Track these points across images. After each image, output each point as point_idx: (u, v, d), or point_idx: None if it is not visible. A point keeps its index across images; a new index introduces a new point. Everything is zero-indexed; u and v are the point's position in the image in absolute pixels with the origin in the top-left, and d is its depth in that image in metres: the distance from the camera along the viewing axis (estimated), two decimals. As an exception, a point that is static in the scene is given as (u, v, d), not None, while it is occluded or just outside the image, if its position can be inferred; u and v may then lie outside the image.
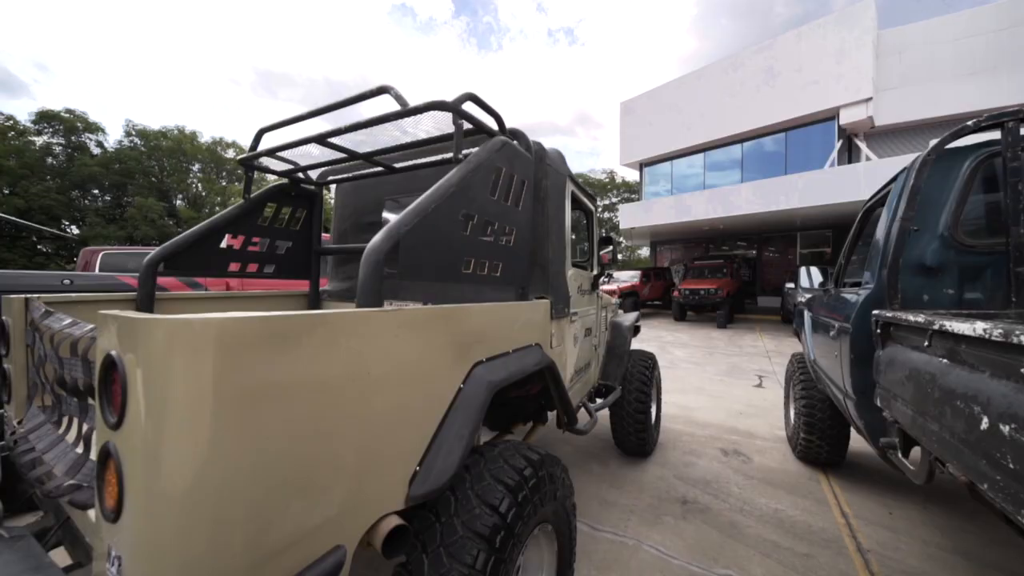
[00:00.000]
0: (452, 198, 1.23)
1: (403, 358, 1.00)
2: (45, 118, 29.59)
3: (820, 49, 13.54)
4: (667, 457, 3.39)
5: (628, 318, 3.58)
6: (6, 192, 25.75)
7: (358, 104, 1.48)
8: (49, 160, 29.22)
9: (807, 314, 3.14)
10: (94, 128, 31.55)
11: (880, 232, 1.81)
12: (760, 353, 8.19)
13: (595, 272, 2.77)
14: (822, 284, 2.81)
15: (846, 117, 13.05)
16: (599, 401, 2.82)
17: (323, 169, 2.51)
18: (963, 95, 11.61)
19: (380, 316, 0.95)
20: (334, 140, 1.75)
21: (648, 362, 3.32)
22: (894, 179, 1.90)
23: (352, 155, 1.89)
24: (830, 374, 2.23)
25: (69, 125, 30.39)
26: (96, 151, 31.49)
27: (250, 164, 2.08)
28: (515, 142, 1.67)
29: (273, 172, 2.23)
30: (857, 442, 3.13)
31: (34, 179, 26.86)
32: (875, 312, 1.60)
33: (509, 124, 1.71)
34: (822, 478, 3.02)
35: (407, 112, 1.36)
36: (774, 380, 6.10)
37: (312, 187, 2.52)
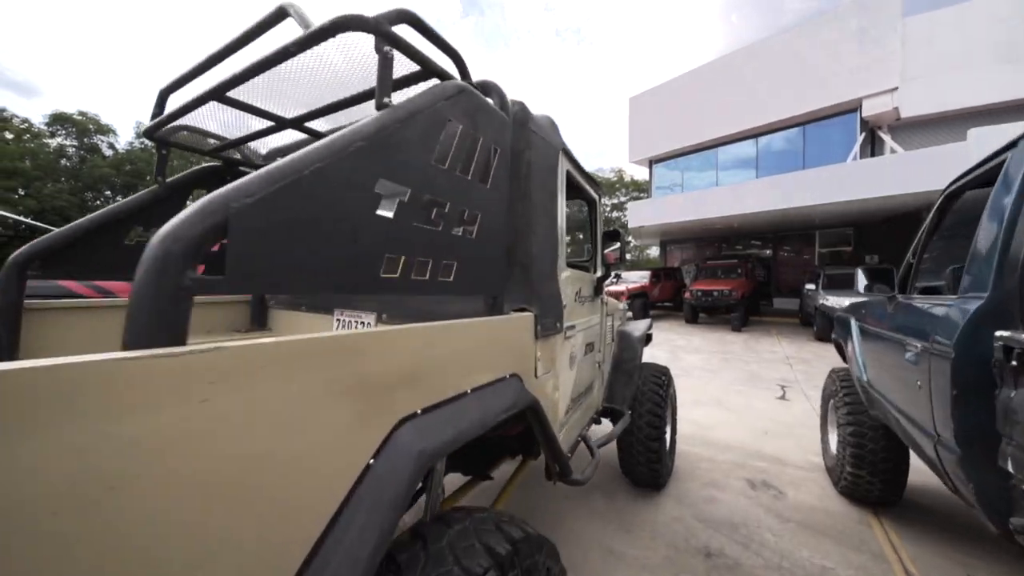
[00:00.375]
0: (357, 158, 0.77)
1: (229, 433, 0.55)
2: (59, 120, 30.00)
3: (841, 38, 12.85)
4: (684, 490, 2.89)
5: (638, 326, 3.09)
6: (20, 193, 26.03)
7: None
8: (63, 162, 29.59)
9: (855, 323, 2.62)
10: (106, 130, 31.95)
11: (989, 222, 1.31)
12: (780, 359, 7.61)
13: (599, 274, 2.29)
14: (881, 287, 2.25)
15: (869, 108, 12.34)
16: (602, 434, 2.33)
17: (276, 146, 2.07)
18: (999, 83, 10.83)
19: (167, 365, 0.49)
20: (270, 107, 1.32)
21: (662, 379, 2.83)
22: (1007, 148, 1.40)
23: (271, 118, 1.45)
24: (904, 407, 1.73)
25: (81, 127, 30.78)
26: (108, 152, 31.84)
27: (164, 139, 1.64)
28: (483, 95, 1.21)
29: (195, 150, 1.79)
30: (917, 473, 2.61)
31: (47, 180, 27.16)
32: (1000, 334, 1.11)
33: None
34: (874, 522, 2.50)
35: (309, 39, 0.90)
36: (799, 391, 5.54)
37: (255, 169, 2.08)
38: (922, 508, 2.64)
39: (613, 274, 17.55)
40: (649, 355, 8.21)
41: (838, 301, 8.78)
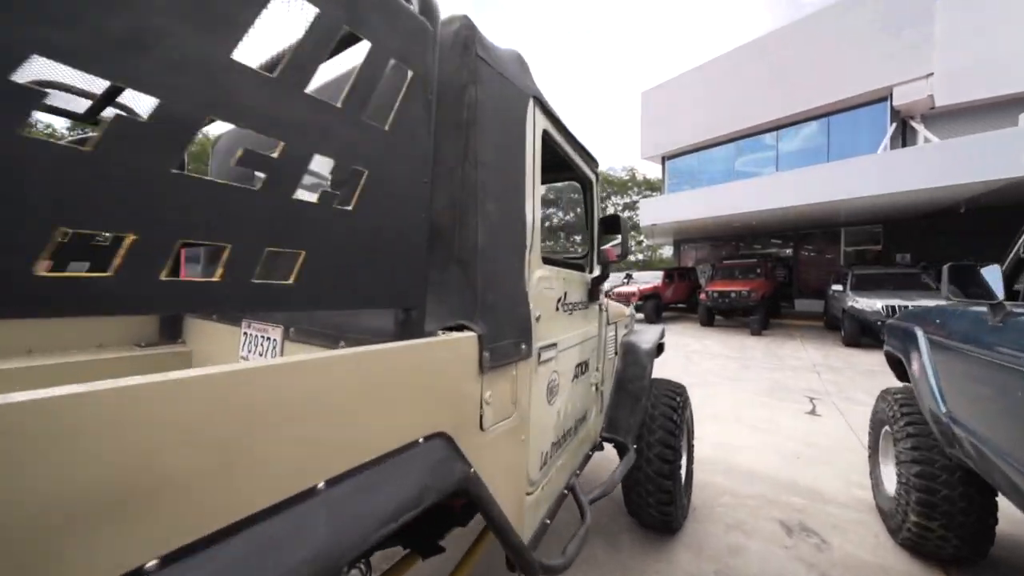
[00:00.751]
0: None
1: None
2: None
3: (869, 22, 12.05)
4: (703, 535, 2.39)
5: (648, 336, 2.59)
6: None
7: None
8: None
9: (925, 337, 2.08)
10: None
11: None
12: (805, 367, 6.98)
13: (595, 274, 1.81)
14: (973, 294, 1.65)
15: (901, 97, 11.52)
16: (597, 488, 1.76)
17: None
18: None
19: None
20: None
21: (676, 399, 2.33)
22: None
23: None
24: (1020, 452, 1.22)
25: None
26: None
27: None
28: None
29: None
30: (1009, 522, 2.06)
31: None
32: None
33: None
34: (950, 588, 1.97)
35: None
36: (830, 405, 4.95)
37: None
38: (1014, 568, 2.09)
39: (624, 275, 16.90)
40: (661, 361, 7.63)
41: (869, 303, 8.11)
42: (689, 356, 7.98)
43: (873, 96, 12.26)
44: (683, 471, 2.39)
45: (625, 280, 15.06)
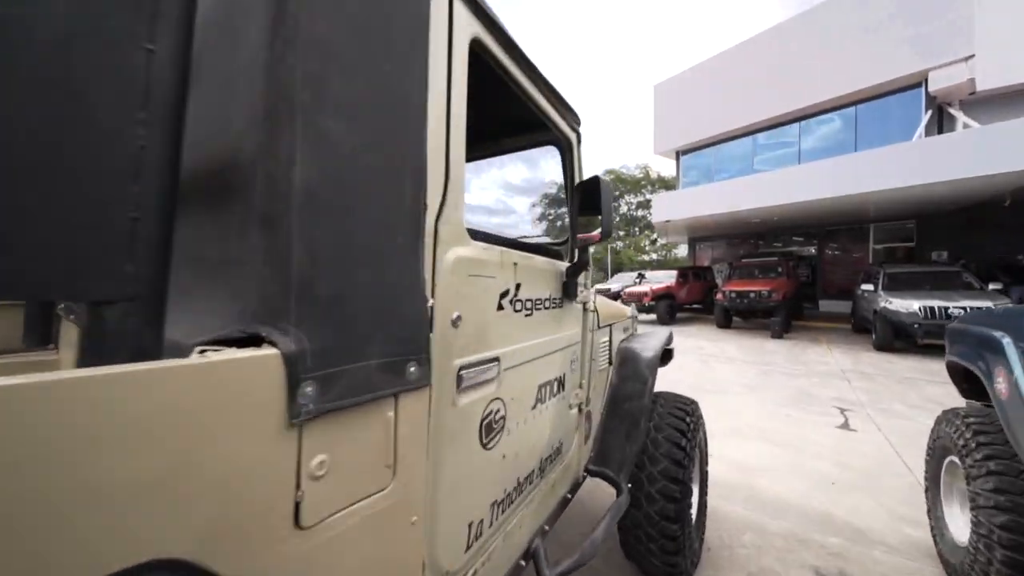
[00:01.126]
0: None
1: None
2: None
3: (900, 3, 11.24)
4: (719, 586, 1.94)
5: (652, 341, 2.15)
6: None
7: None
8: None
9: (1013, 348, 1.58)
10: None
11: None
12: (833, 373, 6.39)
13: (572, 261, 1.39)
14: None
15: (937, 82, 10.70)
16: (569, 559, 1.24)
17: None
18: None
19: None
20: None
21: (686, 421, 1.89)
22: None
23: None
24: None
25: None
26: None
27: None
28: None
29: None
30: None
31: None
32: None
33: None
34: None
35: None
36: (864, 417, 4.40)
37: None
38: None
39: (636, 274, 16.22)
40: (675, 365, 7.08)
41: (905, 304, 7.43)
42: (705, 360, 7.44)
43: (906, 82, 11.44)
44: (694, 508, 1.95)
45: (637, 280, 14.50)
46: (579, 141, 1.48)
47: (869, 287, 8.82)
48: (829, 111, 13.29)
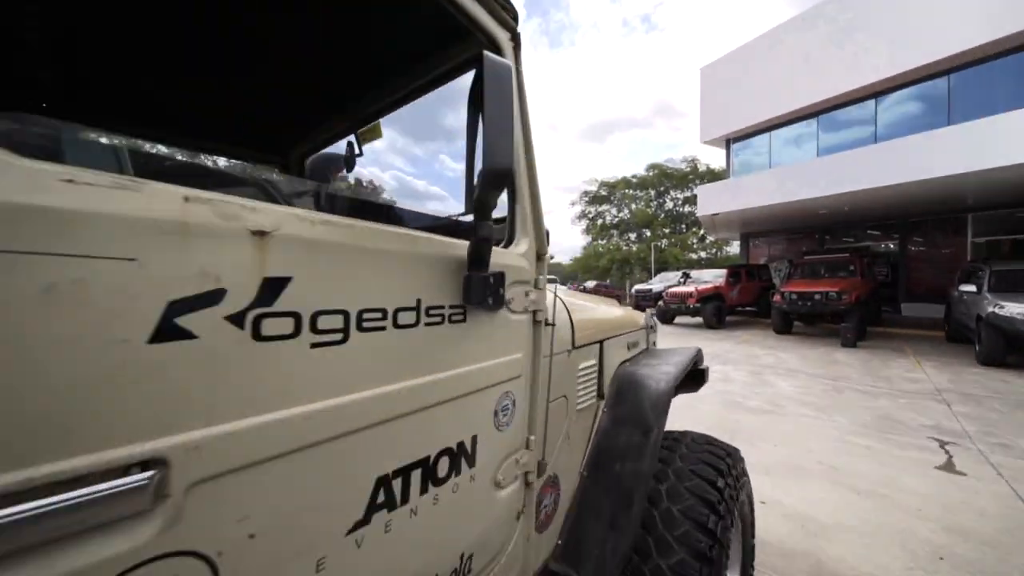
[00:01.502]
0: None
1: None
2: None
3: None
4: None
5: (666, 365, 1.50)
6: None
7: None
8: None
9: None
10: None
11: None
12: (926, 393, 5.21)
13: (522, 248, 0.79)
14: None
15: (1060, 37, 8.78)
16: None
17: None
18: None
19: None
20: None
21: (715, 489, 1.26)
22: None
23: None
24: None
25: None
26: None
27: None
28: None
29: None
30: None
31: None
32: None
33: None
34: None
35: None
36: (975, 454, 3.39)
37: None
38: None
39: (681, 273, 14.88)
40: (721, 376, 6.13)
41: (1021, 309, 6.00)
42: (758, 372, 6.45)
43: (1013, 43, 9.52)
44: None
45: (681, 280, 13.37)
46: (518, 48, 0.91)
47: (970, 288, 7.33)
48: (915, 83, 11.44)
